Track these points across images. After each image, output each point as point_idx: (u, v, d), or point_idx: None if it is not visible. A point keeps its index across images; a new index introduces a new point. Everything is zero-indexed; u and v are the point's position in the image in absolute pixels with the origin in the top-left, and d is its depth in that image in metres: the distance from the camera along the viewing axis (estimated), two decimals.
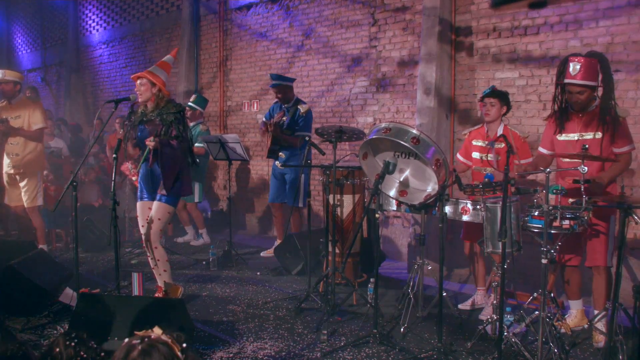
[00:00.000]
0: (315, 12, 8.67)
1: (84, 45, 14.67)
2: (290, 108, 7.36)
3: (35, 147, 7.48)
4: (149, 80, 5.46)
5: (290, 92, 7.42)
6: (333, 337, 4.90)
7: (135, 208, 8.50)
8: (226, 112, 10.36)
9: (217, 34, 10.36)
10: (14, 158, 7.40)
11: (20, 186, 7.51)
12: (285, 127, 7.29)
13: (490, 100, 5.28)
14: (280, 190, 7.63)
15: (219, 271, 7.11)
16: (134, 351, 1.91)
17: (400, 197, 4.66)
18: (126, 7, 13.00)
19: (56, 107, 15.56)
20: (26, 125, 7.36)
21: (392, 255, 7.60)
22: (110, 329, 4.44)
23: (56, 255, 7.45)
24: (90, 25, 14.38)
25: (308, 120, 7.34)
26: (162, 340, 1.96)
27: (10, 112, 7.35)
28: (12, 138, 7.34)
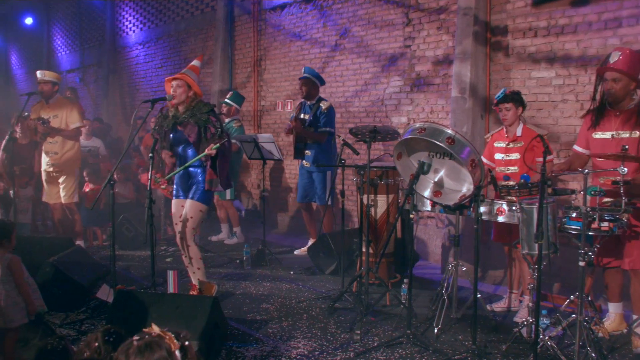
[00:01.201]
0: (349, 12, 8.66)
1: (121, 46, 14.89)
2: (312, 105, 7.46)
3: (72, 146, 7.65)
4: (186, 83, 5.51)
5: (315, 90, 7.50)
6: (366, 337, 4.89)
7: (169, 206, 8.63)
8: (260, 111, 10.42)
9: (252, 34, 10.42)
10: (53, 156, 7.57)
11: (59, 182, 7.68)
12: (307, 125, 7.36)
13: (505, 106, 5.26)
14: (307, 190, 7.67)
15: (252, 270, 7.15)
16: (131, 348, 1.98)
17: (435, 198, 4.64)
18: (162, 8, 13.16)
19: (94, 107, 15.84)
20: (64, 125, 7.52)
21: (425, 256, 7.56)
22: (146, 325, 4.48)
23: (93, 253, 7.57)
24: (127, 27, 14.60)
25: (330, 117, 7.40)
26: (160, 339, 2.00)
27: (47, 112, 7.53)
28: (50, 137, 7.52)
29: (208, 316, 4.39)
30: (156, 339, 1.99)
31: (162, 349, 1.96)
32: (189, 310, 4.47)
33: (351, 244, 6.50)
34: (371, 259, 5.76)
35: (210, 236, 8.93)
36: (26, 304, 4.30)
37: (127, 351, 1.97)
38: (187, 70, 5.67)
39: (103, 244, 8.69)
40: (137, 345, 1.97)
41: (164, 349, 1.97)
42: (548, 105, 6.34)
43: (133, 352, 1.95)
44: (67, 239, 6.83)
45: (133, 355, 1.94)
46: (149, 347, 1.96)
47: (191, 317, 4.38)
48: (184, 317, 4.39)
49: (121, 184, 8.99)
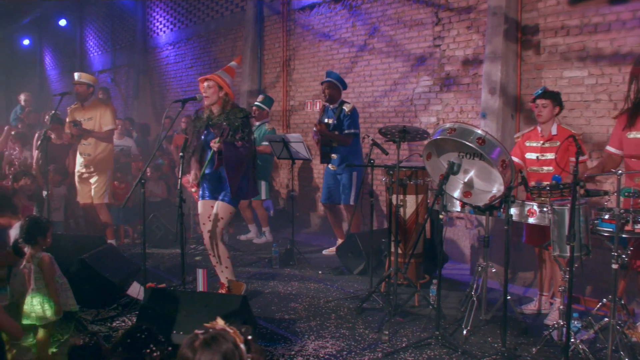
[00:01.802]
0: (378, 12, 8.64)
1: (152, 46, 15.06)
2: (335, 109, 7.46)
3: (105, 147, 7.76)
4: (217, 83, 5.55)
5: (337, 94, 7.51)
6: (394, 337, 4.88)
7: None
8: (289, 111, 10.45)
9: (281, 34, 10.46)
10: (86, 158, 7.70)
11: (91, 183, 7.80)
12: (331, 128, 7.38)
13: (542, 102, 5.19)
14: (332, 191, 7.67)
15: (281, 269, 7.18)
16: (196, 341, 1.96)
17: (465, 198, 4.61)
18: (192, 9, 13.28)
19: (125, 107, 16.04)
20: (97, 127, 7.64)
21: (454, 257, 7.51)
22: (175, 323, 4.55)
23: (124, 251, 7.67)
24: (158, 27, 14.76)
25: (354, 118, 7.40)
26: (225, 332, 2.00)
27: (82, 114, 7.66)
28: (84, 139, 7.64)
29: (237, 315, 4.42)
30: (221, 332, 1.99)
31: (228, 342, 1.96)
32: (218, 309, 4.50)
33: (379, 244, 6.49)
34: (400, 259, 5.74)
35: (239, 235, 8.99)
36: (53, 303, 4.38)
37: (193, 345, 1.96)
38: (221, 71, 5.70)
39: (134, 242, 8.80)
40: (203, 339, 1.96)
41: (230, 342, 1.96)
42: (580, 105, 6.25)
43: (200, 346, 1.94)
44: (99, 237, 6.93)
45: (200, 348, 1.93)
46: (215, 340, 1.95)
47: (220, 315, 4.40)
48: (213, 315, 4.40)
49: (153, 182, 9.11)
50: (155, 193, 9.07)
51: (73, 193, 8.50)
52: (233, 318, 4.42)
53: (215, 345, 1.94)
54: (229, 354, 1.93)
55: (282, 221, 9.62)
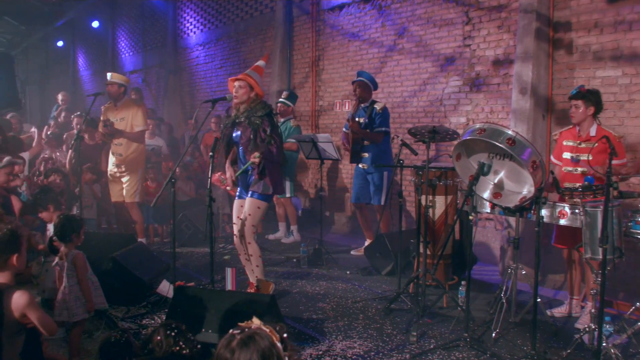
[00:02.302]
0: (407, 12, 8.60)
1: (182, 47, 15.20)
2: (366, 108, 7.47)
3: (137, 147, 7.86)
4: (248, 83, 5.58)
5: (368, 94, 7.53)
6: (422, 339, 4.86)
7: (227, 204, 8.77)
8: (318, 111, 10.46)
9: (310, 35, 10.48)
10: (118, 157, 7.82)
11: (122, 182, 7.91)
12: (362, 127, 7.38)
13: (574, 102, 5.11)
14: (362, 190, 7.66)
15: (309, 269, 7.19)
16: (234, 341, 1.96)
17: (494, 200, 4.57)
18: (222, 9, 13.37)
19: (155, 107, 16.22)
20: (129, 127, 7.74)
21: (483, 258, 7.43)
22: (204, 321, 4.59)
23: (154, 249, 7.76)
24: (188, 28, 14.89)
25: (385, 117, 7.42)
26: (261, 331, 2.00)
27: (115, 114, 7.78)
28: (116, 139, 7.75)
29: (265, 314, 4.44)
30: (258, 331, 2.00)
31: (265, 341, 1.96)
32: (246, 308, 4.53)
33: (408, 245, 6.46)
34: (428, 260, 5.71)
35: (267, 235, 9.02)
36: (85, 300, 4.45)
37: (230, 345, 1.96)
38: (250, 71, 5.73)
39: (163, 240, 8.89)
40: (240, 339, 1.96)
41: (267, 341, 1.96)
42: (613, 106, 6.14)
43: (237, 346, 1.94)
44: (129, 235, 7.02)
45: (238, 348, 1.94)
46: (252, 339, 1.95)
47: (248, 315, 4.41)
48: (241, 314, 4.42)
49: (182, 181, 9.20)
50: (183, 190, 9.15)
51: (105, 192, 8.64)
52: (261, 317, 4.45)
53: (253, 344, 1.94)
54: (266, 353, 1.94)
55: (310, 221, 9.64)
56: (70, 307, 4.38)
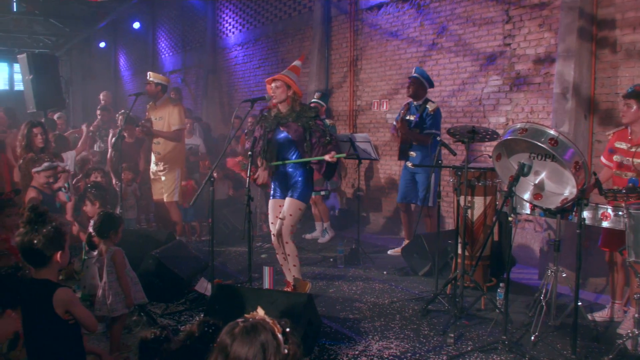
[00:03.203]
0: (447, 10, 8.53)
1: (220, 47, 15.35)
2: (419, 107, 7.38)
3: (175, 147, 7.96)
4: (285, 83, 5.61)
5: (422, 91, 7.42)
6: (460, 341, 4.82)
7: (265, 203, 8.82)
8: (356, 111, 10.45)
9: (348, 34, 10.47)
10: (157, 156, 7.95)
11: (161, 181, 8.03)
12: (412, 126, 7.30)
13: (626, 102, 4.95)
14: (409, 191, 7.60)
15: (345, 269, 7.19)
16: (236, 328, 2.02)
17: (535, 201, 4.50)
18: (260, 10, 13.46)
19: (194, 106, 16.41)
20: (166, 127, 7.85)
21: (522, 260, 7.33)
22: None
23: (192, 247, 7.85)
24: (227, 29, 15.03)
25: (436, 119, 7.30)
26: (264, 322, 2.04)
27: (155, 113, 7.91)
28: (155, 138, 7.88)
29: (302, 313, 4.46)
30: (261, 321, 2.04)
31: (267, 331, 2.00)
32: (283, 307, 4.56)
33: (446, 246, 6.41)
34: (466, 261, 5.66)
35: (304, 234, 9.05)
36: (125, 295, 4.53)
37: (233, 331, 2.02)
38: (287, 70, 5.76)
39: (201, 239, 8.99)
40: (243, 326, 2.01)
41: (269, 332, 2.01)
42: None
43: (239, 333, 2.00)
44: (169, 233, 7.12)
45: (240, 336, 1.99)
46: (254, 329, 2.00)
47: (286, 313, 4.46)
48: (278, 313, 4.47)
49: (219, 180, 9.29)
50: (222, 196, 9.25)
51: (143, 190, 8.78)
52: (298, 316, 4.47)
53: (254, 333, 1.99)
54: (266, 343, 1.98)
55: (346, 221, 9.64)
56: (109, 303, 4.46)
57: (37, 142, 6.53)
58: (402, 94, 9.31)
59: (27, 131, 6.55)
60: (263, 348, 1.98)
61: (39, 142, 6.54)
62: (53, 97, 9.90)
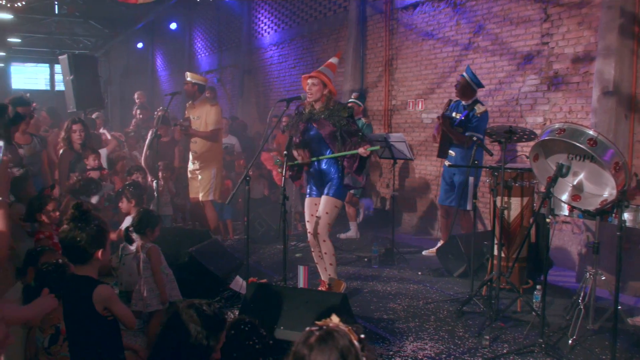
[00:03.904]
0: (483, 9, 8.44)
1: (256, 47, 15.44)
2: (466, 106, 7.25)
3: (211, 146, 8.04)
4: (321, 81, 5.62)
5: (469, 92, 7.24)
6: (495, 343, 4.77)
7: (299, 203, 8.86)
8: (391, 110, 10.42)
9: (383, 34, 10.44)
10: (194, 155, 8.06)
11: (197, 180, 8.12)
12: (456, 124, 7.19)
13: None
14: (449, 192, 7.52)
15: (380, 269, 7.18)
16: (311, 337, 1.94)
17: (573, 202, 4.43)
18: (295, 10, 13.50)
19: (230, 106, 16.55)
20: (203, 126, 7.94)
21: (559, 263, 7.21)
22: (276, 317, 4.65)
23: (227, 246, 7.92)
24: (262, 29, 15.11)
25: (482, 122, 7.10)
26: (340, 330, 1.96)
27: (193, 113, 8.02)
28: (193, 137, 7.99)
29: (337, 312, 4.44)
30: (336, 329, 1.96)
31: (344, 339, 1.92)
32: (318, 306, 4.57)
33: (481, 247, 6.35)
34: (503, 263, 5.59)
35: (338, 234, 9.05)
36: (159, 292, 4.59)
37: (308, 341, 1.93)
38: (323, 68, 5.77)
39: (233, 237, 9.05)
40: (318, 335, 1.93)
41: (346, 339, 1.92)
42: None
43: (316, 342, 1.91)
44: (204, 231, 7.19)
45: (317, 345, 1.90)
46: (331, 337, 1.92)
47: (320, 312, 4.47)
48: (313, 312, 4.49)
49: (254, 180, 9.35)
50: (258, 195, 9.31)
51: (179, 188, 8.89)
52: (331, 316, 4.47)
53: (332, 341, 1.91)
54: (345, 351, 1.89)
55: (380, 221, 9.61)
56: (144, 298, 4.54)
57: (75, 138, 6.66)
58: (438, 94, 9.26)
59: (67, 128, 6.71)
60: (342, 356, 1.89)
61: (78, 138, 6.67)
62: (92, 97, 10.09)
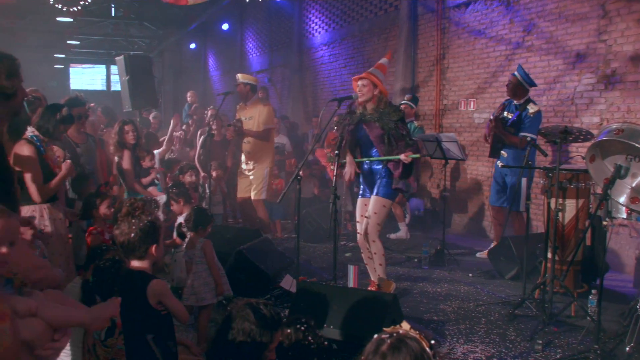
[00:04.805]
0: (537, 7, 8.28)
1: (307, 47, 15.51)
2: (518, 106, 7.13)
3: (263, 146, 8.11)
4: (372, 82, 5.62)
5: (521, 91, 7.12)
6: (548, 348, 4.68)
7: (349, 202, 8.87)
8: (442, 110, 10.31)
9: (435, 33, 10.34)
10: (246, 155, 8.15)
11: (249, 179, 8.21)
12: (508, 125, 7.07)
13: None
14: (500, 193, 7.41)
15: (430, 270, 7.12)
16: (383, 345, 1.92)
17: (632, 205, 4.31)
18: (346, 9, 13.51)
19: (280, 106, 16.67)
20: (255, 126, 8.01)
21: (615, 267, 7.02)
22: (325, 316, 4.67)
23: (277, 244, 7.97)
24: (313, 28, 15.17)
25: (535, 122, 6.96)
26: (411, 336, 1.95)
27: (245, 113, 8.11)
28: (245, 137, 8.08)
29: (387, 313, 4.45)
30: (408, 335, 1.95)
31: (416, 345, 1.91)
32: (368, 306, 4.56)
33: (534, 250, 6.23)
34: (556, 266, 5.48)
35: (388, 234, 9.01)
36: (216, 284, 4.68)
37: (380, 349, 1.91)
38: (374, 69, 5.77)
39: (283, 236, 9.11)
40: (390, 342, 1.91)
41: (418, 345, 1.91)
42: None
43: (389, 350, 1.89)
44: (255, 230, 7.27)
45: (390, 353, 1.88)
46: (404, 343, 1.90)
47: (370, 313, 4.47)
48: (363, 312, 4.49)
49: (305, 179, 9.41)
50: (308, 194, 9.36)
51: (230, 187, 9.00)
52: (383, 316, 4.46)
53: (405, 347, 1.89)
54: (419, 357, 1.88)
55: (431, 221, 9.54)
56: (197, 292, 4.63)
57: (128, 138, 6.83)
58: (490, 93, 9.12)
59: (119, 129, 6.88)
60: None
61: (130, 138, 6.84)
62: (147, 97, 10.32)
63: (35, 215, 4.49)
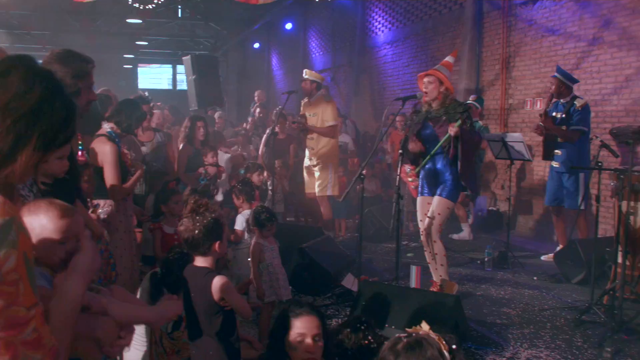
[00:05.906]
0: (610, 2, 7.99)
1: (369, 46, 15.47)
2: (565, 104, 7.02)
3: (328, 142, 8.15)
4: (438, 79, 5.57)
5: (565, 90, 7.04)
6: (618, 356, 4.54)
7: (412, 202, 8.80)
8: (507, 109, 10.10)
9: (501, 31, 10.14)
10: (310, 151, 8.21)
11: (314, 176, 8.26)
12: (558, 122, 6.95)
13: None
14: (557, 192, 7.23)
15: (493, 272, 7.00)
16: (399, 344, 1.90)
17: None
18: (410, 8, 13.40)
19: (343, 105, 16.68)
20: (319, 123, 8.06)
21: None
22: (387, 317, 4.66)
23: (340, 243, 7.99)
24: (376, 27, 15.12)
25: (584, 115, 6.88)
26: (430, 338, 1.92)
27: (309, 110, 8.18)
28: (309, 133, 8.13)
29: (449, 314, 4.41)
30: (425, 337, 1.92)
31: (433, 348, 1.87)
32: (430, 307, 4.54)
33: (603, 254, 6.03)
34: (627, 271, 5.29)
35: (451, 235, 8.90)
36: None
37: (396, 347, 1.90)
38: (439, 66, 5.73)
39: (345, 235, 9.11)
40: (406, 342, 1.90)
41: (436, 348, 1.88)
42: None
43: (403, 349, 1.88)
44: (317, 228, 7.31)
45: (404, 352, 1.87)
46: (419, 345, 1.88)
47: (432, 314, 4.43)
48: (425, 313, 4.46)
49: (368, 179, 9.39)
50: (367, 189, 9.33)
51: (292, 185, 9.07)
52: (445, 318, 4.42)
53: (420, 349, 1.86)
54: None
55: (494, 223, 9.37)
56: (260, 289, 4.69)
57: (199, 135, 6.97)
58: None
59: (191, 124, 7.02)
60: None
61: (201, 135, 6.98)
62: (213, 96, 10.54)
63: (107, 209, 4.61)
